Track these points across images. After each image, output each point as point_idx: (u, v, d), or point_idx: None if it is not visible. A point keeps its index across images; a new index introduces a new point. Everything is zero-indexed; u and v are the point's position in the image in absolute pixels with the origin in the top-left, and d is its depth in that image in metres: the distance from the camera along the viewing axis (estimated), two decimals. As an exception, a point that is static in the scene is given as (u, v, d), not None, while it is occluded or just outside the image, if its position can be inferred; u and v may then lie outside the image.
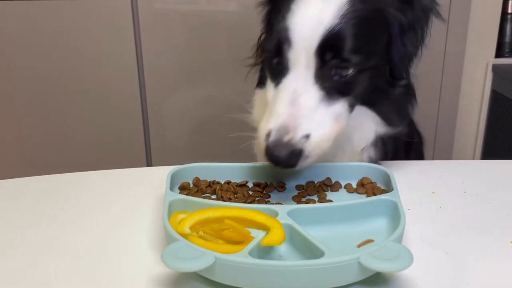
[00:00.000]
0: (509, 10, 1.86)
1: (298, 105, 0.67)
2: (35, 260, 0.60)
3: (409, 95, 0.80)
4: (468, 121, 1.94)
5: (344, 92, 0.70)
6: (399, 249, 0.52)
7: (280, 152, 0.64)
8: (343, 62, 0.68)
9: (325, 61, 0.68)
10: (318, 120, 0.67)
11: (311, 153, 0.66)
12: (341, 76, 0.68)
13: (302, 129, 0.65)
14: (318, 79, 0.68)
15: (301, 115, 0.66)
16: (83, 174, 0.83)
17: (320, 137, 0.66)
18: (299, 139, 0.65)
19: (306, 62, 0.68)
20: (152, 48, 1.69)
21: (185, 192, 0.71)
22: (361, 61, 0.68)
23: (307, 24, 0.67)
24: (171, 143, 1.81)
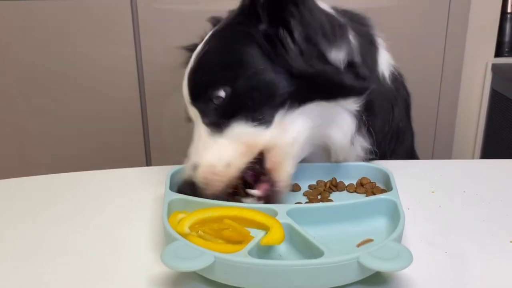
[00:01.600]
0: (508, 9, 1.86)
1: (194, 148, 0.74)
2: (35, 259, 0.60)
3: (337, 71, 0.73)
4: (467, 120, 1.94)
5: (231, 115, 0.71)
6: (399, 248, 0.52)
7: (181, 190, 0.69)
8: (210, 94, 0.71)
9: (199, 102, 0.73)
10: (208, 151, 0.71)
11: (207, 179, 0.69)
12: (218, 104, 0.71)
13: (192, 163, 0.71)
14: (204, 119, 0.73)
15: (193, 153, 0.73)
16: (83, 174, 0.83)
17: (208, 164, 0.70)
18: (190, 173, 0.70)
19: (192, 111, 0.76)
20: (152, 48, 1.69)
21: (184, 192, 0.71)
22: (221, 82, 0.70)
23: (184, 82, 0.77)
24: (171, 143, 1.80)
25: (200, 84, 0.74)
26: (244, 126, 0.70)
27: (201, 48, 0.76)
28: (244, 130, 0.70)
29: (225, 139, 0.71)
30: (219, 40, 0.75)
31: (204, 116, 0.73)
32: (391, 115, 0.84)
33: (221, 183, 0.69)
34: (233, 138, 0.71)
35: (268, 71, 0.71)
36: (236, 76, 0.71)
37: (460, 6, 1.74)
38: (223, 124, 0.71)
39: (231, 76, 0.71)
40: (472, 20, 1.78)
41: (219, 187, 0.69)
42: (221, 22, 0.79)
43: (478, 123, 1.94)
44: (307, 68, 0.70)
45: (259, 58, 0.71)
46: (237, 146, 0.70)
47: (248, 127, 0.70)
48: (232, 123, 0.71)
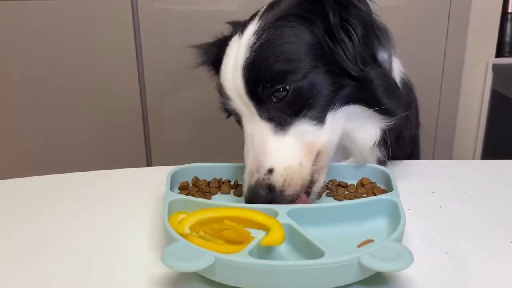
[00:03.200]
0: (509, 9, 1.86)
1: (254, 147, 0.69)
2: (35, 259, 0.60)
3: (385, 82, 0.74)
4: (468, 120, 1.93)
5: (293, 112, 0.69)
6: (399, 249, 0.52)
7: (253, 196, 0.66)
8: (274, 87, 0.68)
9: (258, 96, 0.69)
10: (277, 151, 0.68)
11: (283, 186, 0.66)
12: (281, 99, 0.68)
13: (263, 166, 0.67)
14: (262, 113, 0.69)
15: (258, 154, 0.68)
16: (83, 174, 0.84)
17: (285, 166, 0.67)
18: (262, 177, 0.66)
19: (246, 105, 0.70)
20: (152, 48, 1.69)
21: (185, 192, 0.71)
22: (291, 78, 0.68)
23: (230, 74, 0.71)
24: (171, 143, 1.81)
25: (261, 78, 0.68)
26: (306, 124, 0.69)
27: (254, 39, 0.69)
28: (306, 128, 0.69)
29: (290, 137, 0.68)
30: (279, 31, 0.70)
31: (263, 111, 0.69)
32: (405, 122, 0.84)
33: (300, 183, 0.67)
34: (297, 137, 0.69)
35: (326, 69, 0.70)
36: (299, 71, 0.68)
37: (461, 7, 1.74)
38: (285, 121, 0.69)
39: (294, 71, 0.68)
40: (473, 21, 1.78)
41: (298, 188, 0.67)
42: (275, 10, 0.73)
43: (478, 123, 1.94)
44: (360, 71, 0.70)
45: (319, 54, 0.70)
46: (301, 145, 0.68)
47: (309, 125, 0.69)
48: (295, 121, 0.69)
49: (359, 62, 0.71)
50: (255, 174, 0.67)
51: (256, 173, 0.67)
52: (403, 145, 0.86)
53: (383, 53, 0.74)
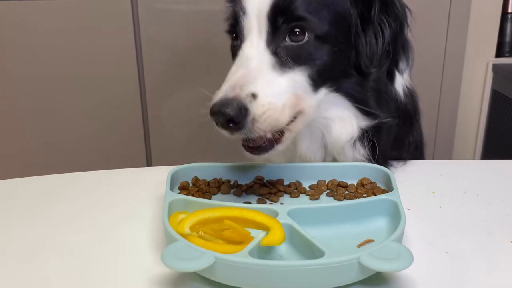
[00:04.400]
0: (509, 9, 1.86)
1: (247, 68, 0.66)
2: (35, 259, 0.60)
3: (385, 87, 0.76)
4: (468, 121, 1.94)
5: (299, 60, 0.68)
6: (399, 249, 0.52)
7: (224, 108, 0.62)
8: (295, 25, 0.66)
9: (276, 25, 0.67)
10: (268, 84, 0.65)
11: (260, 117, 0.63)
12: (295, 42, 0.67)
13: (248, 87, 0.64)
14: (270, 44, 0.68)
15: (249, 76, 0.65)
16: (83, 174, 0.84)
17: (269, 100, 0.64)
18: (244, 96, 0.63)
19: (258, 28, 0.68)
20: (152, 48, 1.69)
21: (185, 192, 0.71)
22: (315, 26, 0.67)
23: None
24: (171, 143, 1.81)
25: (289, 11, 0.66)
26: (305, 80, 0.68)
27: None
28: (302, 83, 0.68)
29: (285, 80, 0.67)
30: None
31: (273, 42, 0.67)
32: (407, 129, 0.86)
33: (274, 124, 0.65)
34: (290, 84, 0.67)
35: (345, 47, 0.71)
36: (324, 31, 0.68)
37: (461, 7, 1.74)
38: (287, 64, 0.67)
39: (320, 27, 0.67)
40: (473, 21, 1.78)
41: (269, 127, 0.65)
42: None
43: (478, 123, 1.94)
44: (371, 70, 0.72)
45: (347, 31, 0.71)
46: (291, 94, 0.67)
47: (305, 83, 0.68)
48: (296, 70, 0.67)
49: (375, 62, 0.72)
50: (237, 89, 0.63)
51: (238, 89, 0.63)
52: (403, 150, 0.87)
53: (404, 64, 0.76)
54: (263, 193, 0.72)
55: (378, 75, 0.74)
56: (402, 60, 0.76)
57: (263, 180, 0.74)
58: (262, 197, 0.72)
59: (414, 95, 0.88)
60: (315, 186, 0.75)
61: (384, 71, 0.75)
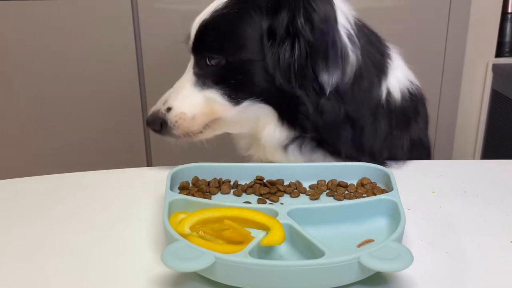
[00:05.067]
0: (509, 9, 1.86)
1: (175, 87, 0.83)
2: (35, 259, 0.60)
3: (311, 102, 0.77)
4: (468, 121, 1.93)
5: (216, 80, 0.79)
6: (399, 249, 0.52)
7: (150, 120, 0.82)
8: (209, 55, 0.78)
9: (197, 52, 0.80)
10: (184, 98, 0.81)
11: (175, 124, 0.80)
12: (213, 65, 0.78)
13: (168, 102, 0.81)
14: (195, 67, 0.81)
15: (173, 92, 0.82)
16: (83, 174, 0.83)
17: (179, 111, 0.80)
18: (162, 111, 0.81)
19: (191, 53, 0.82)
20: (152, 48, 1.69)
21: (185, 192, 0.71)
22: (226, 53, 0.77)
23: (193, 26, 0.82)
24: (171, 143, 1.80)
25: (205, 43, 0.79)
26: (221, 96, 0.79)
27: (216, 9, 0.79)
28: (219, 99, 0.79)
29: (201, 96, 0.80)
30: (241, 10, 0.77)
31: (197, 66, 0.81)
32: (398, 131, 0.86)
33: (186, 130, 0.81)
34: (208, 99, 0.80)
35: (261, 64, 0.76)
36: (236, 53, 0.77)
37: (461, 6, 1.74)
38: (207, 83, 0.80)
39: (232, 51, 0.77)
40: (473, 20, 1.78)
41: (183, 132, 0.81)
42: None
43: (478, 124, 1.94)
44: (287, 87, 0.76)
45: (258, 48, 0.76)
46: (205, 106, 0.80)
47: (222, 99, 0.79)
48: (214, 87, 0.79)
49: (291, 77, 0.75)
50: (160, 105, 0.82)
51: (161, 105, 0.81)
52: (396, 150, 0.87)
53: (325, 75, 0.75)
54: (263, 193, 0.72)
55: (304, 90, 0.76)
56: (322, 72, 0.75)
57: (263, 180, 0.74)
58: (262, 197, 0.72)
59: (415, 98, 0.88)
60: (315, 186, 0.75)
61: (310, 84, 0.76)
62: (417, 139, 0.90)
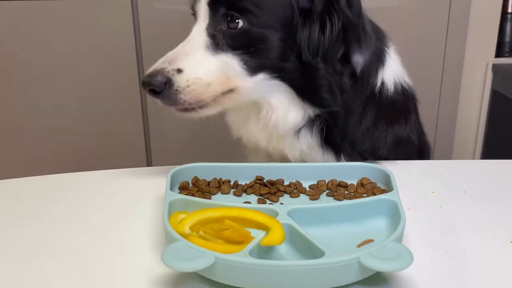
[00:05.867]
0: (509, 9, 1.87)
1: (183, 46, 0.74)
2: (35, 260, 0.60)
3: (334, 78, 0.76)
4: (468, 121, 1.94)
5: (232, 45, 0.73)
6: (399, 248, 0.52)
7: (148, 78, 0.71)
8: (231, 14, 0.71)
9: (215, 11, 0.73)
10: (197, 61, 0.73)
11: (184, 89, 0.71)
12: (231, 28, 0.72)
13: (176, 63, 0.72)
14: (209, 28, 0.74)
15: (181, 53, 0.73)
16: (83, 174, 0.83)
17: (194, 75, 0.72)
18: (169, 70, 0.72)
19: (204, 13, 0.74)
20: (152, 48, 1.69)
21: (185, 192, 0.71)
22: (250, 16, 0.71)
23: None
24: (171, 143, 1.81)
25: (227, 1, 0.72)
26: (237, 63, 0.73)
27: None
28: (235, 66, 0.73)
29: (216, 60, 0.73)
30: None
31: (212, 26, 0.73)
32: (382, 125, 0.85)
33: (198, 98, 0.72)
34: (222, 65, 0.73)
35: (284, 36, 0.73)
36: (259, 20, 0.71)
37: (461, 7, 1.74)
38: (222, 47, 0.73)
39: (256, 16, 0.71)
40: (473, 21, 1.78)
41: (192, 100, 0.73)
42: None
43: (478, 124, 1.94)
44: (312, 60, 0.73)
45: (287, 20, 0.73)
46: (221, 73, 0.73)
47: (239, 66, 0.73)
48: (230, 53, 0.73)
49: (319, 54, 0.73)
50: (166, 63, 0.72)
51: (167, 63, 0.72)
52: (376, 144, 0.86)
53: (359, 56, 0.75)
54: (263, 193, 0.72)
55: (327, 67, 0.74)
56: (355, 53, 0.75)
57: (263, 180, 0.74)
58: (262, 197, 0.72)
59: (407, 93, 0.88)
60: (315, 186, 0.75)
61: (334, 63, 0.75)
62: (404, 136, 0.90)
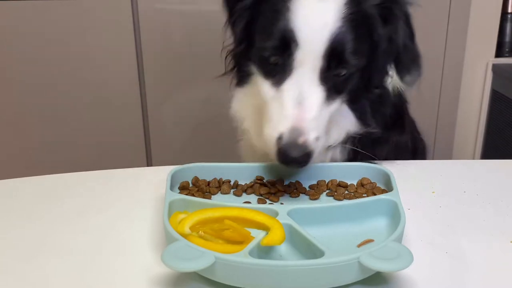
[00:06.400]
0: (509, 9, 1.87)
1: (305, 107, 0.69)
2: (35, 260, 0.60)
3: (384, 101, 0.83)
4: (468, 121, 1.94)
5: (340, 92, 0.73)
6: (399, 248, 0.52)
7: (294, 154, 0.67)
8: (344, 63, 0.71)
9: (329, 63, 0.70)
10: (323, 121, 0.71)
11: (317, 153, 0.70)
12: (339, 76, 0.72)
13: (314, 131, 0.69)
14: (323, 80, 0.71)
15: (310, 117, 0.69)
16: (83, 174, 0.83)
17: (324, 137, 0.72)
18: (312, 141, 0.68)
19: (312, 63, 0.70)
20: (152, 48, 1.69)
21: (185, 192, 0.71)
22: (357, 63, 0.72)
23: (313, 26, 0.69)
24: (171, 143, 1.81)
25: (341, 52, 0.70)
26: (337, 106, 0.74)
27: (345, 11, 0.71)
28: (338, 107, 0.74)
29: (328, 111, 0.72)
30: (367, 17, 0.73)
31: (324, 78, 0.71)
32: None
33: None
34: (332, 112, 0.73)
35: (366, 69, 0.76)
36: (364, 63, 0.73)
37: (461, 7, 1.74)
38: (333, 96, 0.72)
39: (362, 61, 0.73)
40: (473, 21, 1.78)
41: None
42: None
43: (478, 124, 1.94)
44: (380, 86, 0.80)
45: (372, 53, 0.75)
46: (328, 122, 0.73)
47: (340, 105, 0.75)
48: (337, 99, 0.74)
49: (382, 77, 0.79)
50: (304, 134, 0.68)
51: (305, 134, 0.68)
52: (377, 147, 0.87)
53: (409, 77, 0.80)
54: (263, 193, 0.72)
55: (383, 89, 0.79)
56: (410, 73, 0.79)
57: (263, 180, 0.74)
58: (262, 197, 0.72)
59: (401, 95, 0.90)
60: (315, 186, 0.75)
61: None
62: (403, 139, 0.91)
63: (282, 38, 0.70)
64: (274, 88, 0.73)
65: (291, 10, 0.70)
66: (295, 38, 0.69)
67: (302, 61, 0.70)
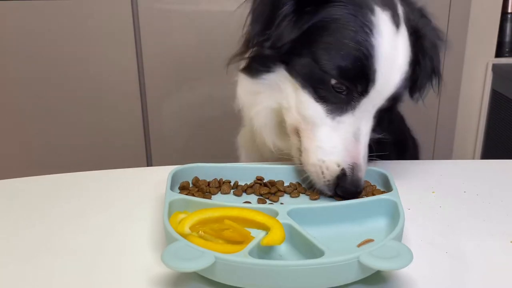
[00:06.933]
0: (509, 9, 1.87)
1: (362, 143, 0.71)
2: (35, 260, 0.60)
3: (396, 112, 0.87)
4: (468, 121, 1.94)
5: (380, 123, 0.75)
6: (399, 247, 0.52)
7: (356, 188, 0.69)
8: (399, 102, 0.76)
9: (390, 103, 0.73)
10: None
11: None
12: (386, 111, 0.74)
13: (365, 165, 0.71)
14: (374, 116, 0.73)
15: (365, 153, 0.71)
16: (83, 174, 0.83)
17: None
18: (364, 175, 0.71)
19: (379, 103, 0.72)
20: (152, 48, 1.69)
21: (185, 192, 0.71)
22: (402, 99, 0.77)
23: (392, 70, 0.70)
24: (171, 143, 1.81)
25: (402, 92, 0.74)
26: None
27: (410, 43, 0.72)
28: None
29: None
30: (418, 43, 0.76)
31: (376, 114, 0.73)
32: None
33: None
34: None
35: None
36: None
37: (461, 6, 1.74)
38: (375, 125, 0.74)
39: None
40: (473, 21, 1.78)
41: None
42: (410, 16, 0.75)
43: (478, 123, 1.94)
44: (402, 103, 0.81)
45: None
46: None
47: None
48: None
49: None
50: (362, 171, 0.70)
51: (362, 171, 0.70)
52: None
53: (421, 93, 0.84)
54: (263, 193, 0.72)
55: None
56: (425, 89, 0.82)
57: (263, 180, 0.74)
58: (262, 197, 0.72)
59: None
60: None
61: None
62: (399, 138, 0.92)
63: (360, 73, 0.68)
64: (329, 115, 0.71)
65: (371, 39, 0.67)
66: (374, 78, 0.68)
67: (371, 100, 0.70)
